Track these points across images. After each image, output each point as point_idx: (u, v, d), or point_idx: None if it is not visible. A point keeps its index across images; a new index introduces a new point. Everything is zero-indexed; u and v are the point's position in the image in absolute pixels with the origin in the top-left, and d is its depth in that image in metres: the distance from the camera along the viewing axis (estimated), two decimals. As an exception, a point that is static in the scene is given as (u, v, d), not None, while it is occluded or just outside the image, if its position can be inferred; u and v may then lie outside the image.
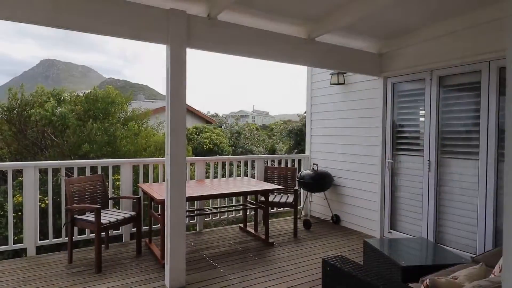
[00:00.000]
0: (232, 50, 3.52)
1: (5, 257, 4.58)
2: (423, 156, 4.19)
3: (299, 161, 6.04)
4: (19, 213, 4.43)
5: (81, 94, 6.78)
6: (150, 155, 6.05)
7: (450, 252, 3.22)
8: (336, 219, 5.38)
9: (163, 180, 4.85)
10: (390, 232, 4.60)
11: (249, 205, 4.87)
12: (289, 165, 5.85)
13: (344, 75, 5.22)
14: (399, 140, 4.56)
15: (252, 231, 4.80)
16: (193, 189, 4.07)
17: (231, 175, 5.44)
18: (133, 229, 4.49)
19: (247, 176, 5.62)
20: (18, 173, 5.31)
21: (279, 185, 5.12)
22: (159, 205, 3.65)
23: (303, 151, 12.01)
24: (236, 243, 4.37)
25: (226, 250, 4.11)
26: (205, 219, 5.07)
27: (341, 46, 4.33)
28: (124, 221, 3.76)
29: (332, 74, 5.29)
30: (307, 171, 5.35)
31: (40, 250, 4.02)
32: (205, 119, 20.15)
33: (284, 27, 3.79)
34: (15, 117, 6.37)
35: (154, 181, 4.71)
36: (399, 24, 3.97)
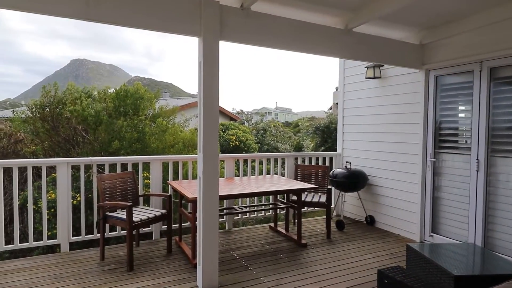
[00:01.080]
0: (266, 42, 3.35)
1: (40, 251, 4.67)
2: (470, 154, 3.87)
3: (331, 159, 5.80)
4: (52, 210, 4.49)
5: (111, 91, 6.84)
6: (178, 152, 6.01)
7: (505, 260, 2.92)
8: (370, 220, 5.12)
9: (193, 178, 4.78)
10: (432, 236, 4.30)
11: (280, 204, 4.71)
12: (319, 163, 5.63)
13: (381, 68, 4.93)
14: (442, 138, 4.24)
15: (283, 231, 4.64)
16: (223, 187, 3.96)
17: (260, 173, 5.29)
18: (163, 226, 4.45)
19: (276, 174, 5.45)
20: (51, 169, 5.41)
21: (310, 183, 4.91)
22: (190, 204, 3.56)
23: (330, 149, 11.72)
24: (268, 244, 4.22)
25: (257, 251, 3.97)
26: (234, 218, 4.96)
27: (380, 37, 4.07)
28: (155, 219, 3.70)
29: (367, 67, 5.01)
30: (340, 170, 5.12)
31: (72, 246, 4.04)
32: (230, 116, 20.14)
33: (321, 18, 3.58)
34: (48, 114, 6.51)
35: (183, 179, 4.64)
36: (445, 11, 3.66)
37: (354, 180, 4.96)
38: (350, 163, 5.18)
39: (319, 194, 4.91)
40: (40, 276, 3.24)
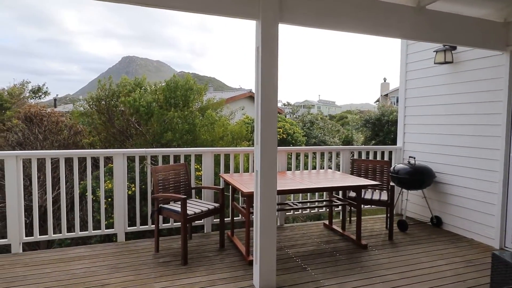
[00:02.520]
0: (329, 24, 3.04)
1: (97, 239, 4.83)
2: None
3: (390, 153, 5.35)
4: (109, 199, 4.60)
5: (161, 84, 6.92)
6: (227, 144, 5.92)
7: None
8: (436, 221, 4.63)
9: (244, 171, 4.63)
10: (515, 242, 3.76)
11: (337, 201, 4.40)
12: (377, 158, 5.21)
13: (453, 52, 4.39)
14: (532, 130, 3.65)
15: (339, 229, 4.34)
16: (278, 181, 3.74)
17: (311, 167, 5.00)
18: (214, 220, 4.37)
19: (330, 168, 5.13)
20: (107, 159, 5.58)
21: (367, 179, 4.54)
22: (245, 198, 3.40)
23: (381, 143, 11.03)
24: (323, 243, 3.96)
25: (313, 250, 3.73)
26: (286, 214, 4.75)
27: (456, 15, 3.57)
28: (209, 213, 3.60)
29: (437, 51, 4.49)
30: (402, 165, 4.68)
31: (127, 235, 4.09)
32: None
33: (390, -6, 3.19)
34: (104, 107, 6.75)
35: (233, 172, 4.51)
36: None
37: (419, 177, 4.50)
38: (415, 158, 4.70)
39: (379, 191, 4.53)
40: (99, 265, 3.28)
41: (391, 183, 4.39)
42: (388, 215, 4.36)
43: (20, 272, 3.10)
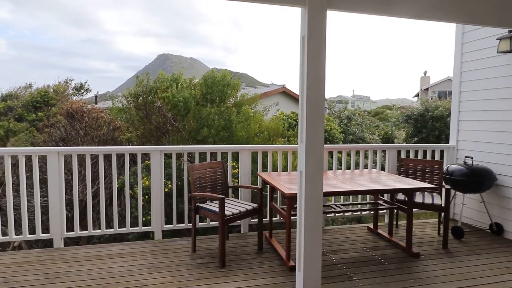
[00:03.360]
0: (381, 8, 2.73)
1: (134, 235, 4.85)
2: None
3: (441, 152, 4.90)
4: (146, 196, 4.58)
5: (197, 80, 6.87)
6: (263, 141, 5.73)
7: None
8: (497, 229, 4.16)
9: (283, 170, 4.42)
10: None
11: (383, 203, 4.07)
12: (426, 157, 4.79)
13: (521, 38, 3.88)
14: None
15: (385, 234, 4.01)
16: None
17: (354, 166, 4.69)
18: (251, 220, 4.21)
19: (374, 168, 4.79)
20: (145, 156, 5.60)
21: (415, 180, 4.16)
22: (286, 200, 3.19)
23: (424, 140, 10.35)
24: (369, 249, 3.66)
25: (359, 257, 3.45)
26: (326, 216, 4.48)
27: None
28: (247, 214, 3.43)
29: (501, 39, 4.00)
30: (457, 166, 4.25)
31: (164, 233, 4.04)
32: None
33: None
34: (142, 103, 6.80)
35: (272, 170, 4.31)
36: None
37: (477, 179, 4.05)
38: (472, 158, 4.24)
39: (429, 194, 4.13)
40: (136, 263, 3.23)
41: (446, 186, 3.98)
42: (442, 220, 3.96)
43: (61, 268, 3.11)
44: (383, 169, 4.78)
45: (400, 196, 3.95)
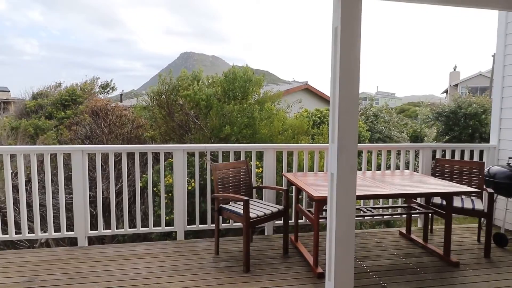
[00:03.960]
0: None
1: (158, 233, 4.80)
2: None
3: (480, 153, 4.55)
4: (169, 194, 4.52)
5: (219, 76, 6.76)
6: (287, 139, 5.55)
7: None
8: (545, 237, 3.80)
9: (309, 170, 4.23)
10: None
11: (418, 207, 3.80)
12: (453, 157, 4.46)
13: None
14: None
15: (420, 240, 3.75)
16: (350, 184, 3.29)
17: (385, 167, 4.43)
18: (276, 221, 4.05)
19: (407, 169, 4.51)
20: (167, 154, 5.56)
21: (452, 182, 3.86)
22: (314, 203, 3.01)
23: (456, 138, 9.80)
24: (403, 256, 3.42)
25: (392, 264, 3.23)
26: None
27: None
28: (272, 216, 3.28)
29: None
30: (499, 168, 3.91)
31: (187, 232, 3.96)
32: (329, 101, 18.98)
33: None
34: (164, 101, 6.78)
35: (297, 170, 4.13)
36: None
37: (523, 182, 3.71)
38: (517, 159, 3.89)
39: (468, 197, 3.83)
40: (159, 265, 3.15)
41: (489, 189, 3.67)
42: (482, 226, 3.66)
43: (84, 268, 3.08)
44: (415, 170, 4.50)
45: (437, 200, 3.68)
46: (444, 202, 3.58)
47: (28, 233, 3.58)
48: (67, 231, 3.66)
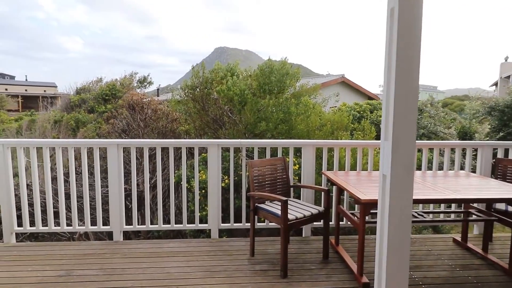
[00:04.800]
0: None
1: (191, 230, 4.73)
2: None
3: (550, 152, 3.99)
4: (203, 190, 4.42)
5: (254, 69, 6.56)
6: (326, 135, 5.25)
7: None
8: None
9: (352, 169, 3.94)
10: None
11: (478, 213, 3.39)
12: (506, 156, 3.93)
13: None
14: None
15: (478, 250, 3.34)
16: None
17: (437, 167, 4.02)
18: (314, 223, 3.81)
19: (462, 170, 4.06)
20: (202, 149, 5.48)
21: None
22: (360, 206, 2.74)
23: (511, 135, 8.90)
24: (459, 267, 3.05)
25: (447, 277, 2.88)
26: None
27: None
28: (312, 218, 3.04)
29: None
30: None
31: (221, 230, 3.84)
32: (367, 95, 18.24)
33: None
34: (198, 95, 6.71)
35: (338, 169, 3.85)
36: None
37: None
38: None
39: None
40: (192, 265, 3.04)
41: None
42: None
43: (119, 264, 3.04)
44: (466, 170, 4.04)
45: (500, 205, 3.25)
46: (510, 208, 3.16)
47: (67, 225, 3.62)
48: (103, 225, 3.66)
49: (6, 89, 41.01)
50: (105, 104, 14.62)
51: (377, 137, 6.44)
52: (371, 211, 2.80)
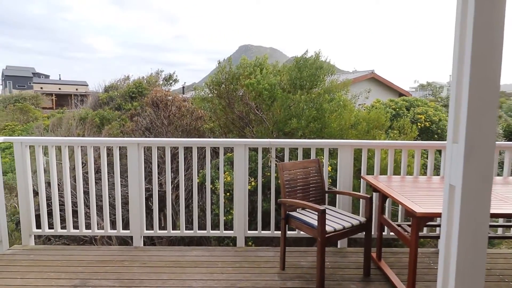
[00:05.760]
0: None
1: (215, 237, 4.45)
2: None
3: None
4: (228, 194, 4.13)
5: (281, 64, 6.20)
6: (361, 134, 4.80)
7: None
8: None
9: (394, 173, 3.50)
10: None
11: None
12: None
13: None
14: None
15: (551, 272, 2.83)
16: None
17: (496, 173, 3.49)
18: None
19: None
20: (227, 148, 5.19)
21: None
22: (412, 219, 2.32)
23: None
24: (530, 293, 2.57)
25: (518, 306, 2.41)
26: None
27: None
28: (352, 230, 2.66)
29: None
30: None
31: (247, 239, 3.52)
32: (398, 92, 17.37)
33: None
34: (224, 91, 6.43)
35: (379, 173, 3.43)
36: None
37: None
38: None
39: None
40: (216, 278, 2.74)
41: None
42: None
43: (137, 274, 2.79)
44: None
45: None
46: None
47: (86, 228, 3.43)
48: (123, 228, 3.44)
49: (41, 88, 42.98)
50: (132, 101, 14.73)
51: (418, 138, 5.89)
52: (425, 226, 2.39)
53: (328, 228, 2.51)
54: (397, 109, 7.28)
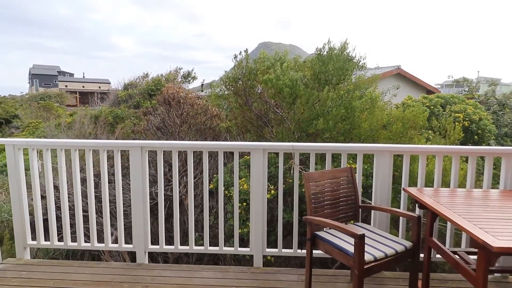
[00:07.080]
0: None
1: (232, 256, 4.00)
2: None
3: None
4: (244, 203, 3.68)
5: (303, 58, 5.68)
6: (396, 137, 4.22)
7: None
8: None
9: (442, 185, 2.93)
10: None
11: None
12: None
13: None
14: None
15: None
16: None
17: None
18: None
19: None
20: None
21: None
22: (483, 253, 1.78)
23: None
24: None
25: None
26: None
27: None
28: (397, 259, 2.15)
29: None
30: None
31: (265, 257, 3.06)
32: (426, 88, 16.40)
33: None
34: (241, 87, 5.98)
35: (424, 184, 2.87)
36: None
37: None
38: None
39: None
40: (229, 310, 2.29)
41: None
42: None
43: (137, 302, 2.39)
44: None
45: None
46: None
47: (85, 241, 3.07)
48: (125, 243, 3.06)
49: (66, 86, 44.08)
50: (150, 99, 14.54)
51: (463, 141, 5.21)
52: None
53: (367, 257, 2.01)
54: (432, 107, 6.60)
